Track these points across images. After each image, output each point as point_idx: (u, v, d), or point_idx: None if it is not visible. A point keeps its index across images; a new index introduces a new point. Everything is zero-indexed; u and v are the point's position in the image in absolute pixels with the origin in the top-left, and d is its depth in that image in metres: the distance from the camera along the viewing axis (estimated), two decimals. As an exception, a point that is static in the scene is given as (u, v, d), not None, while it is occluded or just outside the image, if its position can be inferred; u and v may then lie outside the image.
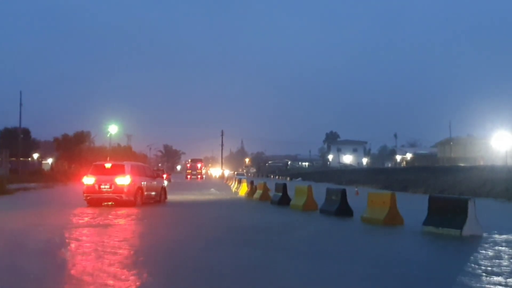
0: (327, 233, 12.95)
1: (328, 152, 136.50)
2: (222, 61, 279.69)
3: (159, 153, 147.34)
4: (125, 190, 19.09)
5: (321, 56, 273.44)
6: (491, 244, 10.26)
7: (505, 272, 7.47)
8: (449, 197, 15.59)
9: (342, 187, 23.60)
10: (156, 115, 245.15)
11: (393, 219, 13.51)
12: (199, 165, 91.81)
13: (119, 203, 19.21)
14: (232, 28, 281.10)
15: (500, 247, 9.87)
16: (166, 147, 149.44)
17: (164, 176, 56.63)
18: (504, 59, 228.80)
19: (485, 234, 11.34)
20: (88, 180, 19.44)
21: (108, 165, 20.05)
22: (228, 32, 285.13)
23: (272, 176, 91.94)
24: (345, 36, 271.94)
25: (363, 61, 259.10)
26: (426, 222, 12.31)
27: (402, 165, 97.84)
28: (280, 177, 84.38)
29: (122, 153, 71.97)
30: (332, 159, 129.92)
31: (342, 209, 16.21)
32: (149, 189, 21.02)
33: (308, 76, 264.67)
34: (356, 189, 33.46)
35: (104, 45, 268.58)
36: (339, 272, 7.64)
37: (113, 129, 70.26)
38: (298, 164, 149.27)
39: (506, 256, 8.81)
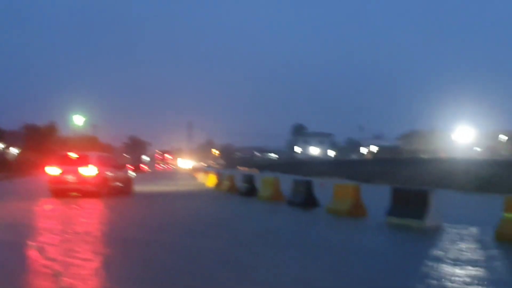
0: (292, 224, 13.13)
1: (295, 144, 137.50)
2: (190, 52, 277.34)
3: (125, 144, 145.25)
4: (90, 180, 18.83)
5: (289, 49, 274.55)
6: (451, 234, 10.63)
7: (464, 261, 7.78)
8: (412, 189, 15.93)
9: (308, 178, 23.84)
10: (123, 106, 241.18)
11: (357, 210, 13.80)
12: (168, 156, 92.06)
13: (84, 194, 18.94)
14: (200, 18, 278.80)
15: (459, 237, 10.24)
16: (132, 137, 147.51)
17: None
18: (471, 54, 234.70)
19: (446, 225, 11.72)
20: (53, 170, 19.11)
21: (73, 156, 19.71)
22: (196, 23, 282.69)
23: (240, 168, 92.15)
24: (313, 29, 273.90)
25: (330, 54, 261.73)
26: (389, 213, 12.62)
27: (367, 157, 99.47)
28: (248, 169, 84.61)
29: (88, 144, 70.63)
30: (299, 151, 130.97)
31: (308, 200, 16.42)
32: (115, 180, 20.79)
33: (276, 69, 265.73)
34: (321, 180, 33.80)
35: (69, 35, 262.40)
36: (302, 261, 7.79)
37: (79, 119, 69.02)
38: (266, 155, 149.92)
39: (465, 246, 9.16)
